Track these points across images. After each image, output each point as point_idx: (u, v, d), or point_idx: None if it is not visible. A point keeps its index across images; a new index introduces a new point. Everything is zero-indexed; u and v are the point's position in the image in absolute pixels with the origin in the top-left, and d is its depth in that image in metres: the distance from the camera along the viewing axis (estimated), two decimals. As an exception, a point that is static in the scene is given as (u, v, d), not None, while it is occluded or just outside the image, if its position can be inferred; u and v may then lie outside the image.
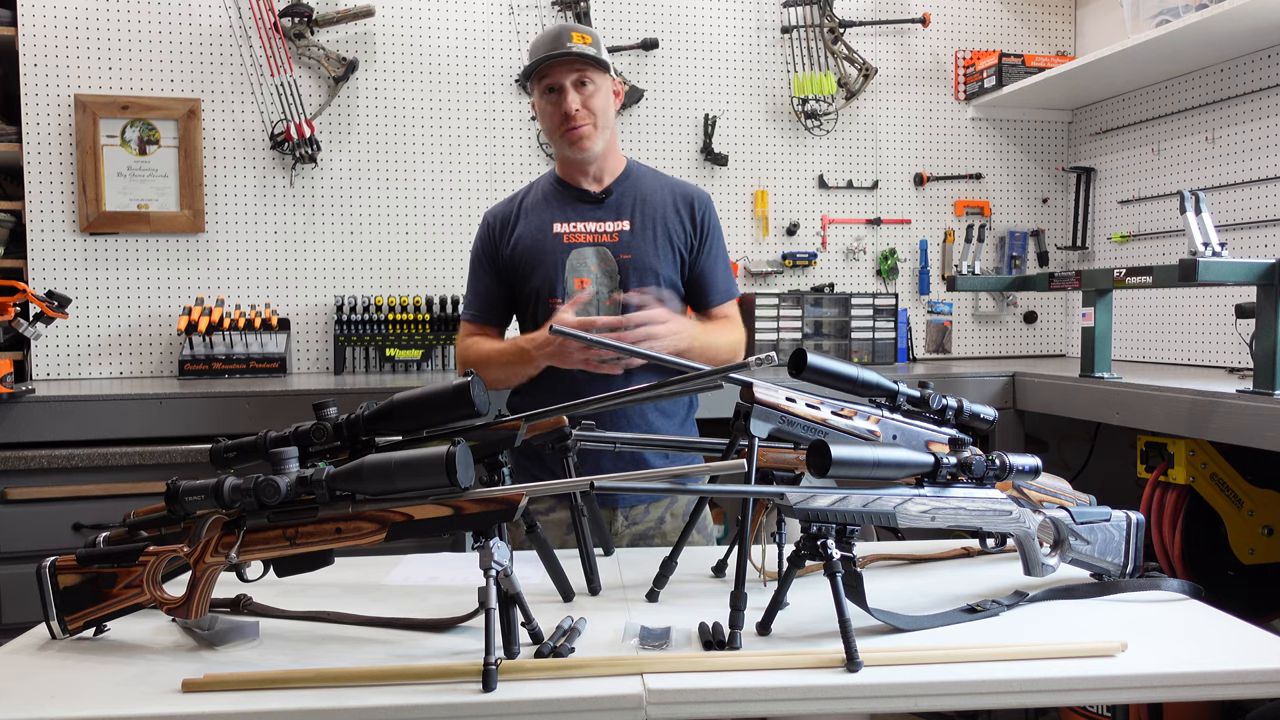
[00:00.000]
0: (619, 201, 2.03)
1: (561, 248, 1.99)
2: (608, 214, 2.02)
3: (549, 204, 2.05)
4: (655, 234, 2.01)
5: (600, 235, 2.00)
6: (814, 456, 1.13)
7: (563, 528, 1.89)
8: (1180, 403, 2.12)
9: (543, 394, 1.90)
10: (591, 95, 1.96)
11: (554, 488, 1.17)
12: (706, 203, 2.08)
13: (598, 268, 1.99)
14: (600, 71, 1.97)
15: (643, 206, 2.03)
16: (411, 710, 1.01)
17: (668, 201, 2.05)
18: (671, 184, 2.10)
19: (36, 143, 2.93)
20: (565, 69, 1.94)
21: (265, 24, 3.03)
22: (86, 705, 1.03)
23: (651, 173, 2.12)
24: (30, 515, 2.27)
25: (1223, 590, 2.16)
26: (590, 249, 2.00)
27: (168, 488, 1.16)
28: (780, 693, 1.06)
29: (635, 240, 2.00)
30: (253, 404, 2.44)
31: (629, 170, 2.08)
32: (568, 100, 1.94)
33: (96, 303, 2.99)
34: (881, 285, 3.54)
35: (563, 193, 2.05)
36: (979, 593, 1.37)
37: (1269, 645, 1.18)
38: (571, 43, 1.93)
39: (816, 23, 3.40)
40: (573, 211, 2.03)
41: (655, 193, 2.06)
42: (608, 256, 1.99)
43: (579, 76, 1.95)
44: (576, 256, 1.99)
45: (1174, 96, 3.13)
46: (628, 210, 2.02)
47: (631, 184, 2.06)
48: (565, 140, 1.98)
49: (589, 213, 2.02)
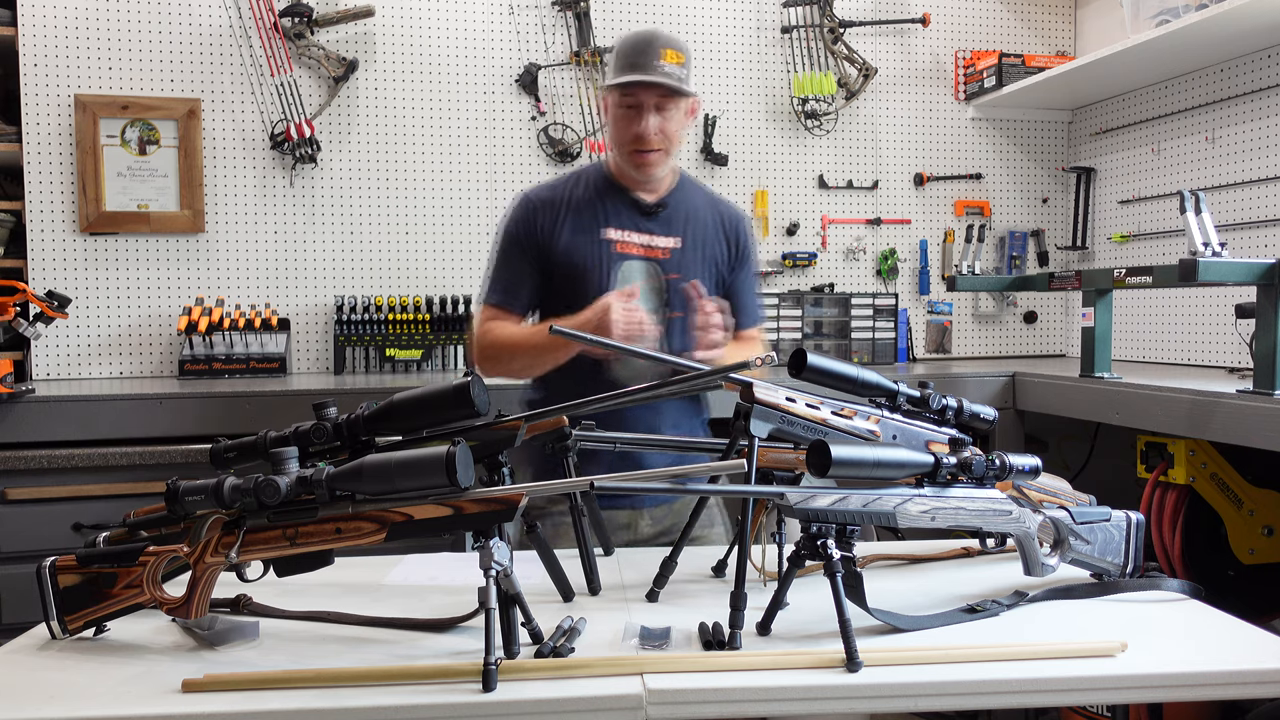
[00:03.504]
0: (671, 216, 1.96)
1: (613, 256, 1.92)
2: (660, 227, 1.95)
3: (601, 204, 1.95)
4: (701, 254, 1.96)
5: (652, 250, 1.94)
6: (814, 456, 1.13)
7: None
8: (1180, 403, 2.12)
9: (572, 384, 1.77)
10: (669, 119, 1.88)
11: (554, 488, 1.17)
12: (746, 226, 2.05)
13: (644, 283, 1.91)
14: (684, 97, 1.89)
15: (693, 224, 1.98)
16: (411, 710, 1.01)
17: (714, 219, 2.00)
18: (714, 202, 2.05)
19: (36, 143, 2.93)
20: (650, 91, 1.85)
21: (265, 24, 3.03)
22: (86, 705, 1.03)
23: (698, 186, 2.07)
24: (30, 515, 2.27)
25: (1223, 590, 2.16)
26: (639, 262, 1.93)
27: (168, 488, 1.15)
28: (780, 693, 1.06)
29: (685, 259, 1.94)
30: (253, 404, 2.44)
31: (681, 182, 2.02)
32: (647, 123, 1.85)
33: (96, 303, 2.99)
34: (881, 285, 3.54)
35: (615, 195, 1.96)
36: (979, 593, 1.37)
37: (1269, 645, 1.18)
38: (662, 61, 1.83)
39: (816, 23, 3.40)
40: (626, 219, 1.94)
41: (702, 210, 2.00)
42: (656, 273, 1.93)
43: (661, 100, 1.86)
44: (627, 268, 1.92)
45: (1174, 96, 3.13)
46: (679, 225, 1.96)
47: (684, 197, 1.99)
48: (631, 160, 1.90)
49: (642, 223, 1.95)
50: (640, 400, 1.46)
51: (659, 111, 1.86)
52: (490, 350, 1.93)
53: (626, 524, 1.94)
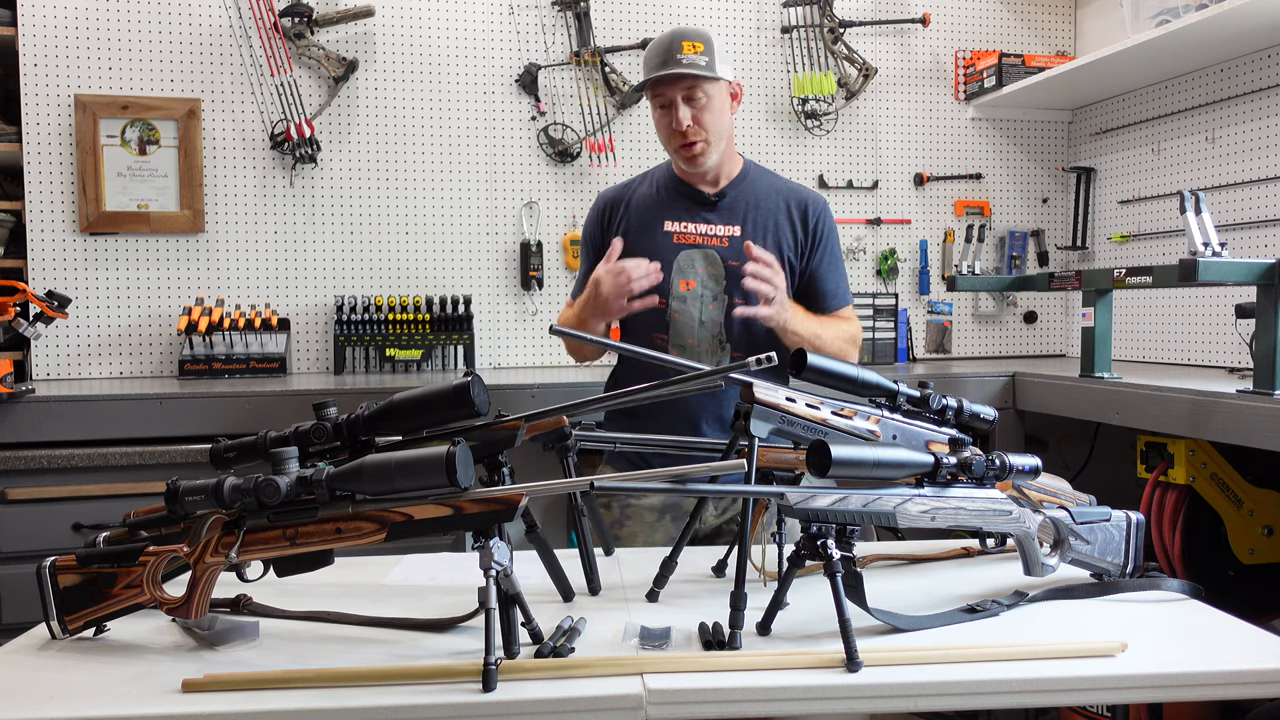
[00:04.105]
0: (732, 205, 2.02)
1: (671, 247, 1.98)
2: (720, 217, 2.01)
3: (661, 199, 2.03)
4: (765, 241, 1.99)
5: (710, 239, 1.99)
6: (814, 456, 1.13)
7: (653, 514, 1.99)
8: (1180, 403, 2.12)
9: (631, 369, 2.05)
10: (703, 108, 1.92)
11: (554, 488, 1.17)
12: (822, 208, 2.07)
13: (704, 271, 1.98)
14: (711, 82, 1.92)
15: (755, 212, 2.02)
16: (411, 710, 1.01)
17: (780, 206, 2.03)
18: (786, 188, 2.08)
19: (36, 143, 2.93)
20: (674, 84, 1.91)
21: (265, 24, 3.03)
22: (86, 705, 1.03)
23: (767, 175, 2.10)
24: (30, 515, 2.27)
25: (1223, 590, 2.16)
26: (699, 251, 1.99)
27: (168, 488, 1.15)
28: (780, 693, 1.06)
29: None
30: (253, 404, 2.44)
31: (745, 172, 2.06)
32: (679, 116, 1.91)
33: (96, 303, 2.99)
34: (881, 285, 3.53)
35: (677, 190, 2.04)
36: (979, 593, 1.37)
37: (1269, 645, 1.18)
38: (682, 54, 1.89)
39: (816, 23, 3.40)
40: (685, 211, 2.01)
41: (768, 197, 2.04)
42: (716, 260, 1.98)
43: (689, 91, 1.91)
44: (685, 258, 1.98)
45: (1174, 96, 3.13)
46: (740, 214, 2.01)
47: (746, 187, 2.04)
48: (679, 155, 1.97)
49: (701, 214, 2.01)
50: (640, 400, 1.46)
51: (689, 103, 1.92)
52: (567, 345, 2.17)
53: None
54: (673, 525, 1.98)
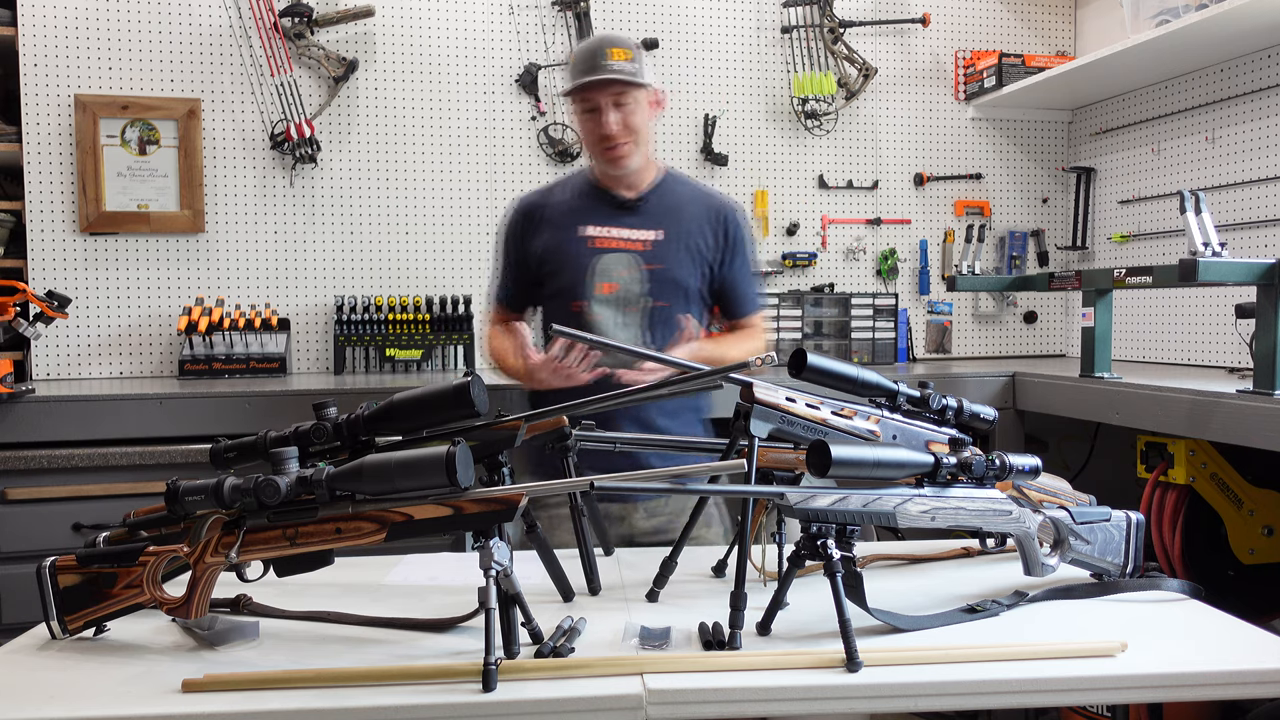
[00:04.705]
0: (652, 210, 2.04)
1: (589, 252, 2.00)
2: (640, 221, 2.03)
3: (581, 205, 2.05)
4: (684, 246, 2.02)
5: (631, 243, 2.01)
6: (814, 456, 1.13)
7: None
8: (1180, 403, 2.12)
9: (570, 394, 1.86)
10: (631, 113, 1.96)
11: (554, 488, 1.17)
12: (737, 217, 2.10)
13: (626, 273, 2.00)
14: (638, 88, 1.96)
15: (675, 217, 2.04)
16: (411, 710, 1.01)
17: (699, 214, 2.06)
18: (703, 195, 2.11)
19: (36, 143, 2.93)
20: (603, 89, 1.93)
21: (265, 24, 3.03)
22: (86, 705, 1.03)
23: (685, 182, 2.14)
24: (30, 515, 2.27)
25: (1223, 590, 2.16)
26: (620, 255, 2.01)
27: (168, 488, 1.15)
28: (780, 693, 1.06)
29: (665, 250, 2.01)
30: (253, 404, 2.43)
31: (664, 178, 2.09)
32: (607, 121, 1.94)
33: (96, 303, 2.99)
34: (881, 285, 3.53)
35: (597, 196, 2.06)
36: (979, 593, 1.37)
37: (1269, 645, 1.18)
38: (610, 60, 1.92)
39: (816, 23, 3.40)
40: (605, 216, 2.03)
41: (687, 204, 2.07)
42: (637, 264, 2.00)
43: (617, 97, 1.94)
44: (605, 262, 2.00)
45: (1174, 96, 3.13)
46: (659, 219, 2.03)
47: (665, 193, 2.07)
48: (605, 159, 1.99)
49: (622, 219, 2.03)
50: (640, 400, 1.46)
51: (618, 108, 1.95)
52: (491, 356, 2.13)
53: (620, 517, 1.97)
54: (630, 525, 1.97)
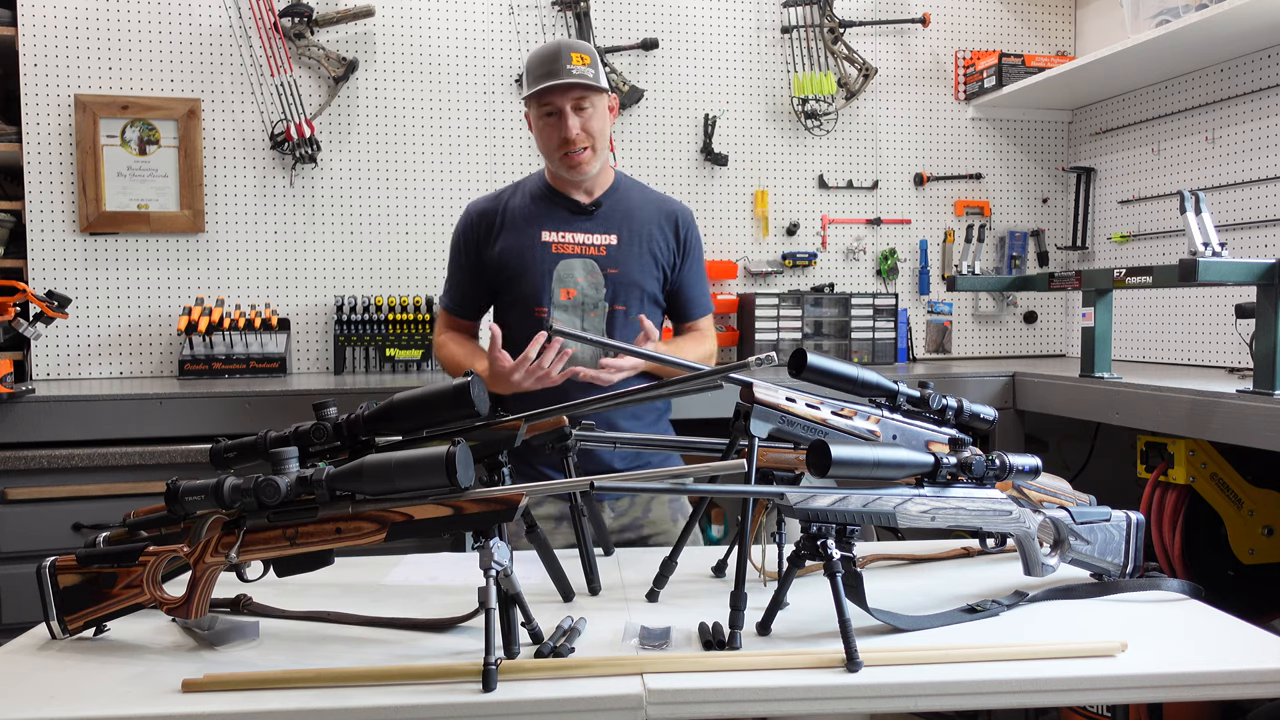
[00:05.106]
0: (608, 214, 2.06)
1: (549, 257, 2.01)
2: (596, 226, 2.05)
3: (537, 210, 2.06)
4: (641, 249, 2.05)
5: (589, 248, 2.03)
6: (814, 456, 1.13)
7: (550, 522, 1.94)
8: (1180, 403, 2.12)
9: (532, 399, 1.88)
10: (590, 118, 1.97)
11: (554, 488, 1.17)
12: (689, 220, 2.13)
13: (584, 279, 2.02)
14: (598, 93, 1.98)
15: (630, 221, 2.06)
16: (411, 710, 1.01)
17: (652, 217, 2.08)
18: (656, 199, 2.13)
19: (36, 143, 2.93)
20: (564, 93, 1.94)
21: (265, 24, 3.03)
22: (86, 705, 1.03)
23: (637, 186, 2.16)
24: (30, 515, 2.27)
25: (1223, 590, 2.16)
26: (578, 260, 2.02)
27: (168, 488, 1.16)
28: (780, 693, 1.06)
29: (622, 254, 2.03)
30: (253, 404, 2.43)
31: (617, 183, 2.11)
32: (567, 125, 1.95)
33: (96, 303, 2.99)
34: (881, 285, 3.53)
35: (552, 201, 2.06)
36: (979, 593, 1.37)
37: (1269, 645, 1.18)
38: (570, 64, 1.93)
39: (816, 23, 3.40)
40: (561, 221, 2.04)
41: (641, 208, 2.09)
42: (595, 269, 2.02)
43: (577, 101, 1.95)
44: (564, 267, 2.01)
45: (1174, 96, 3.13)
46: (616, 224, 2.05)
47: (620, 197, 2.09)
48: (564, 164, 1.99)
49: (578, 224, 2.04)
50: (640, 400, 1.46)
51: (578, 112, 1.96)
52: (443, 363, 2.15)
53: None
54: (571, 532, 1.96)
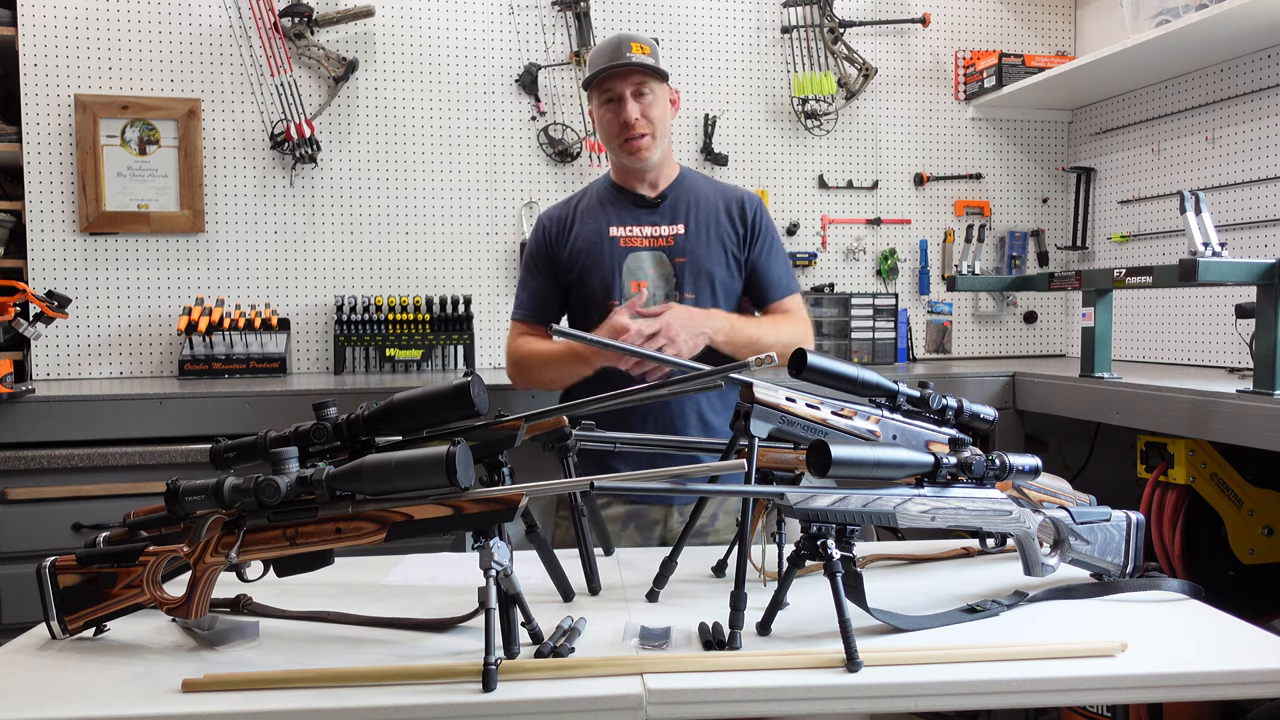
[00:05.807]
0: (674, 206, 2.08)
1: (618, 251, 2.04)
2: (663, 218, 2.07)
3: (605, 208, 2.09)
4: (709, 237, 2.05)
5: (656, 239, 2.05)
6: (814, 456, 1.13)
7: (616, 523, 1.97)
8: (1180, 403, 2.12)
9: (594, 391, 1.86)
10: (650, 105, 1.99)
11: (554, 488, 1.17)
12: (757, 204, 2.13)
13: (654, 271, 2.04)
14: (659, 81, 2.00)
15: (696, 210, 2.07)
16: (411, 710, 1.01)
17: (719, 205, 2.09)
18: (722, 188, 2.15)
19: (36, 143, 2.93)
20: (624, 79, 1.97)
21: (265, 24, 3.03)
22: (86, 705, 1.03)
23: (703, 178, 2.18)
24: (30, 515, 2.27)
25: (1223, 590, 2.16)
26: (646, 253, 2.04)
27: (168, 488, 1.15)
28: (780, 693, 1.06)
29: (690, 243, 2.04)
30: (253, 404, 2.43)
31: (682, 175, 2.13)
32: (627, 110, 1.97)
33: (96, 303, 2.99)
34: (881, 285, 3.53)
35: (619, 197, 2.09)
36: (979, 593, 1.37)
37: (1269, 645, 1.18)
38: (631, 53, 1.96)
39: (816, 23, 3.40)
40: (629, 215, 2.07)
41: (707, 197, 2.10)
42: (663, 260, 2.04)
43: (638, 87, 1.97)
44: (633, 260, 2.04)
45: (1174, 96, 3.13)
46: (682, 214, 2.07)
47: (685, 188, 2.10)
48: (624, 150, 2.01)
49: (645, 217, 2.07)
50: (640, 400, 1.46)
51: (638, 99, 1.98)
52: (522, 363, 2.09)
53: (659, 519, 2.00)
54: (637, 534, 1.99)
